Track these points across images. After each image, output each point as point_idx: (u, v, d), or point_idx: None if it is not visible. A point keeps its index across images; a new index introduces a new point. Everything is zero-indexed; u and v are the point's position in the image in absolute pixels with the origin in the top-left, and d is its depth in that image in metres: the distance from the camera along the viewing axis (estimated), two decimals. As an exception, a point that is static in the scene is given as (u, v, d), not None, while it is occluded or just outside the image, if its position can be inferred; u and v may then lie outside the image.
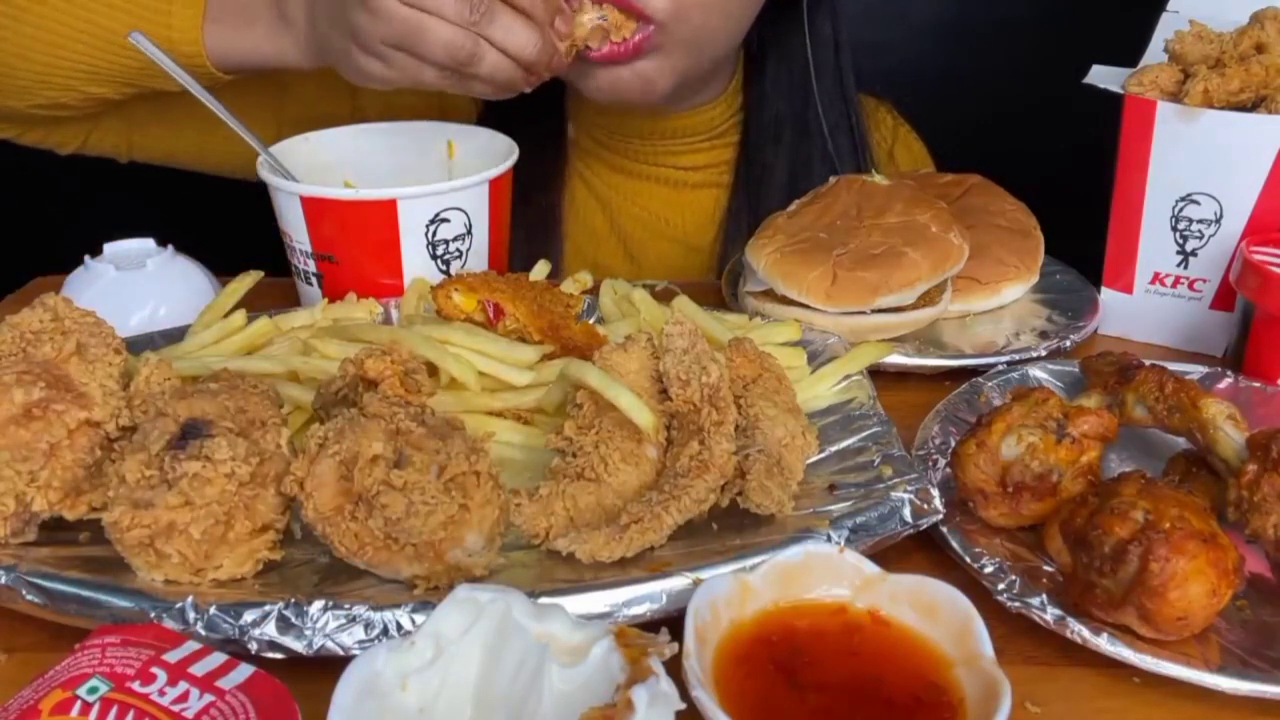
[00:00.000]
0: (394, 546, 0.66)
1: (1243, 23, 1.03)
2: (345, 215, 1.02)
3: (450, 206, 1.03)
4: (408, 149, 1.19)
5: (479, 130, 1.20)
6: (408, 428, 0.69)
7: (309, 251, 1.05)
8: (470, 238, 1.06)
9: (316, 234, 1.03)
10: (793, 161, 1.40)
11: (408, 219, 1.01)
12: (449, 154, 1.20)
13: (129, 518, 0.66)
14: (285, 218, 1.06)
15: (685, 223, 1.44)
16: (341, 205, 1.01)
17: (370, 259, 1.04)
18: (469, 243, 1.07)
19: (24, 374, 0.73)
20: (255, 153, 1.07)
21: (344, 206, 1.01)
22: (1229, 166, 1.01)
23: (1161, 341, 1.11)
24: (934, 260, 1.04)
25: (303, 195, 1.01)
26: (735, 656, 0.61)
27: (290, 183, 1.03)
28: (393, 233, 1.01)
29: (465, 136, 1.19)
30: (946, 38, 2.32)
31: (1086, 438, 0.77)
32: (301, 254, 1.06)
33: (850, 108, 1.42)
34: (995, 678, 0.57)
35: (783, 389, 0.84)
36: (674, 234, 1.44)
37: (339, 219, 1.02)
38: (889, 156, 1.53)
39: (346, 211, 1.01)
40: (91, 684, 0.53)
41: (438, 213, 1.03)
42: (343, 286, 1.05)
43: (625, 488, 0.75)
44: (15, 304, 1.03)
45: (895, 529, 0.73)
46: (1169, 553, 0.63)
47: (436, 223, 1.03)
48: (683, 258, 1.44)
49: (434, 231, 1.03)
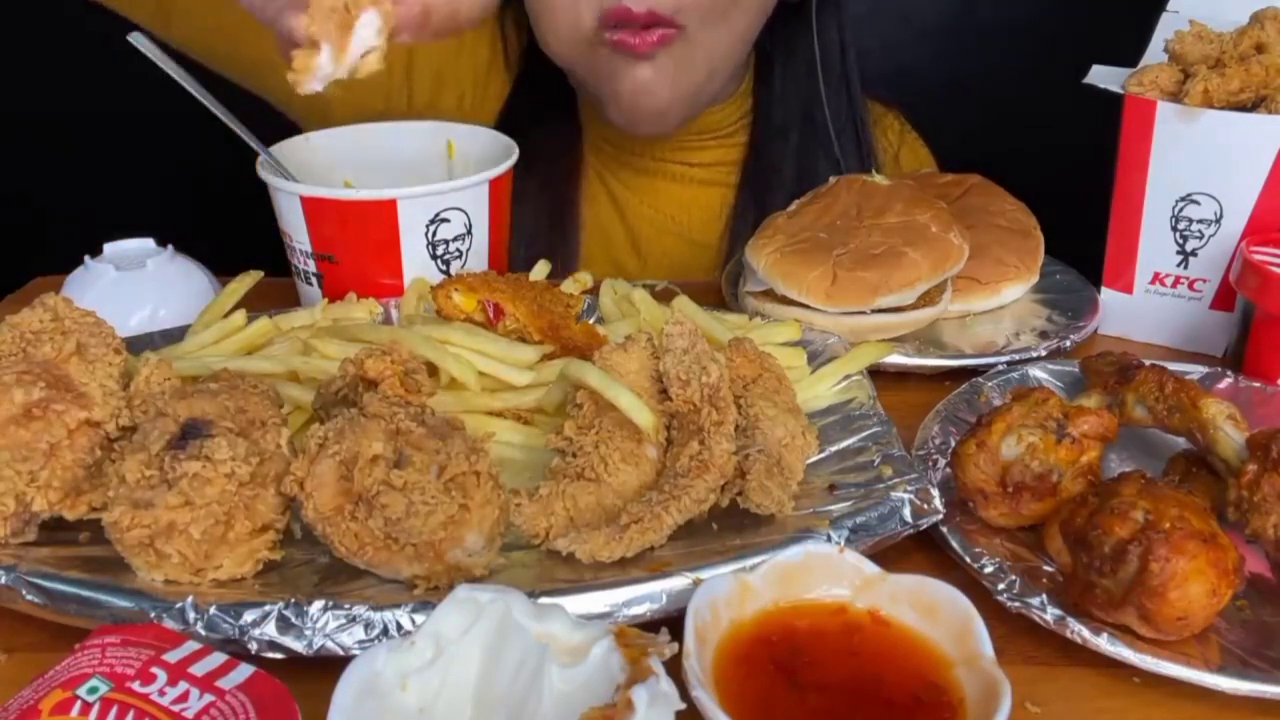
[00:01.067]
0: (394, 546, 0.66)
1: (1243, 23, 1.03)
2: (345, 215, 1.02)
3: (450, 206, 1.03)
4: (407, 149, 1.19)
5: (479, 130, 1.20)
6: (408, 428, 0.69)
7: (309, 251, 1.05)
8: (470, 238, 1.06)
9: (316, 234, 1.03)
10: (799, 162, 1.42)
11: (408, 219, 1.01)
12: (449, 154, 1.20)
13: (129, 518, 0.66)
14: (285, 218, 1.06)
15: (692, 220, 1.45)
16: (341, 205, 1.01)
17: (370, 259, 1.04)
18: (469, 243, 1.07)
19: (24, 374, 0.73)
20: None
21: (344, 206, 1.01)
22: (1229, 166, 1.01)
23: (1161, 341, 1.11)
24: (934, 260, 1.04)
25: (302, 195, 1.01)
26: (735, 656, 0.61)
27: (290, 183, 1.03)
28: (393, 233, 1.01)
29: (465, 137, 1.19)
30: (947, 38, 2.32)
31: (1086, 438, 0.77)
32: (301, 254, 1.06)
33: (855, 108, 1.44)
34: (995, 678, 0.57)
35: (783, 389, 0.84)
36: (680, 230, 1.46)
37: (339, 219, 1.02)
38: (894, 161, 1.54)
39: (346, 211, 1.01)
40: (91, 684, 0.53)
41: (438, 213, 1.03)
42: (343, 286, 1.05)
43: (625, 488, 0.75)
44: (15, 304, 1.03)
45: (895, 529, 0.73)
46: (1169, 553, 0.63)
47: (436, 223, 1.03)
48: (689, 255, 1.46)
49: (434, 231, 1.03)
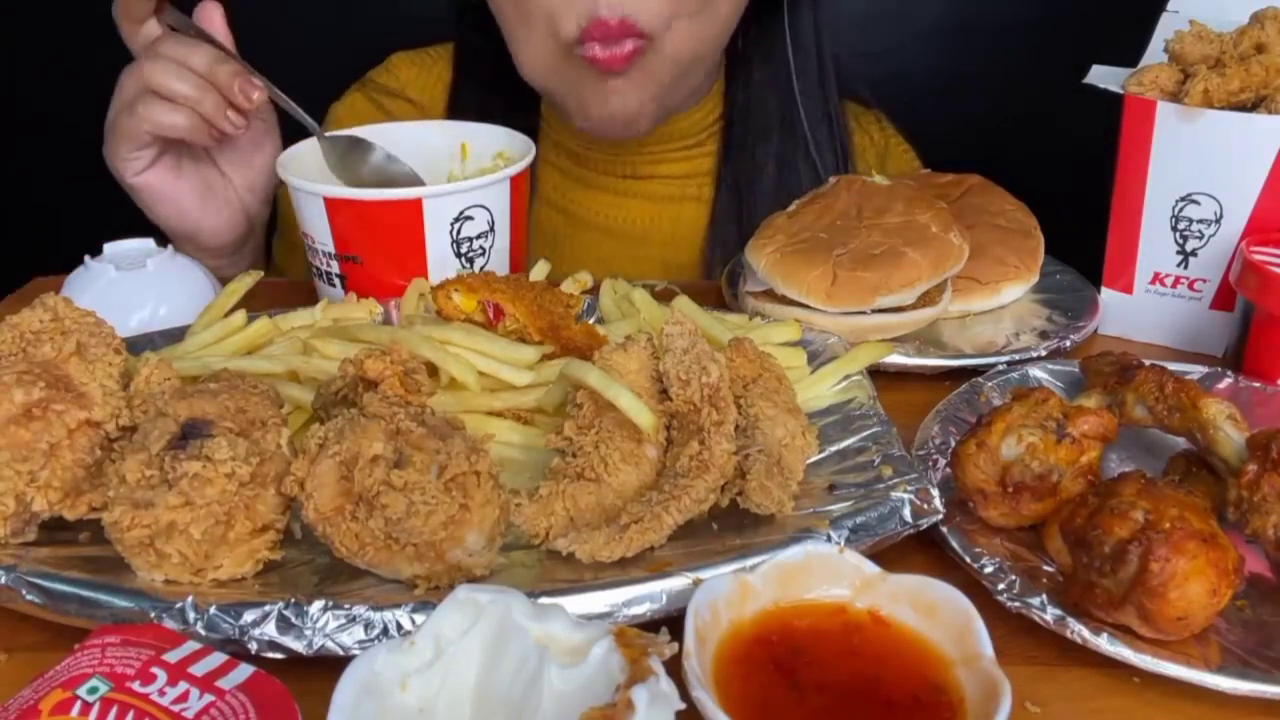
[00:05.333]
0: (395, 547, 0.66)
1: (1243, 23, 1.03)
2: (370, 215, 1.01)
3: (474, 204, 1.03)
4: (422, 148, 1.19)
5: (493, 129, 1.20)
6: (408, 428, 0.69)
7: (331, 253, 1.04)
8: (493, 235, 1.07)
9: (340, 235, 1.03)
10: (780, 162, 1.41)
11: (433, 217, 1.01)
12: (463, 155, 1.20)
13: (129, 518, 0.66)
14: (307, 219, 1.05)
15: (664, 236, 1.43)
16: (366, 205, 1.01)
17: (395, 258, 1.03)
18: (491, 240, 1.07)
19: (24, 374, 0.73)
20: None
21: (369, 206, 1.01)
22: (1229, 166, 1.01)
23: (1161, 341, 1.11)
24: (934, 260, 1.04)
25: (326, 196, 1.01)
26: (735, 656, 0.61)
27: (313, 183, 1.03)
28: (418, 231, 1.01)
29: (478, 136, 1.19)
30: (947, 39, 2.32)
31: (1086, 438, 0.77)
32: (324, 255, 1.06)
33: (831, 108, 1.43)
34: (995, 678, 0.57)
35: (783, 389, 0.84)
36: (651, 251, 1.43)
37: (364, 219, 1.02)
38: (879, 161, 1.53)
39: (371, 211, 1.01)
40: (91, 684, 0.53)
41: (462, 210, 1.02)
42: (367, 286, 1.05)
43: (625, 488, 0.75)
44: (15, 304, 1.03)
45: (895, 529, 0.73)
46: (1169, 553, 0.63)
47: (461, 220, 1.03)
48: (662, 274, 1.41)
49: (458, 230, 1.03)
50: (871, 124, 1.55)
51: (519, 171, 1.06)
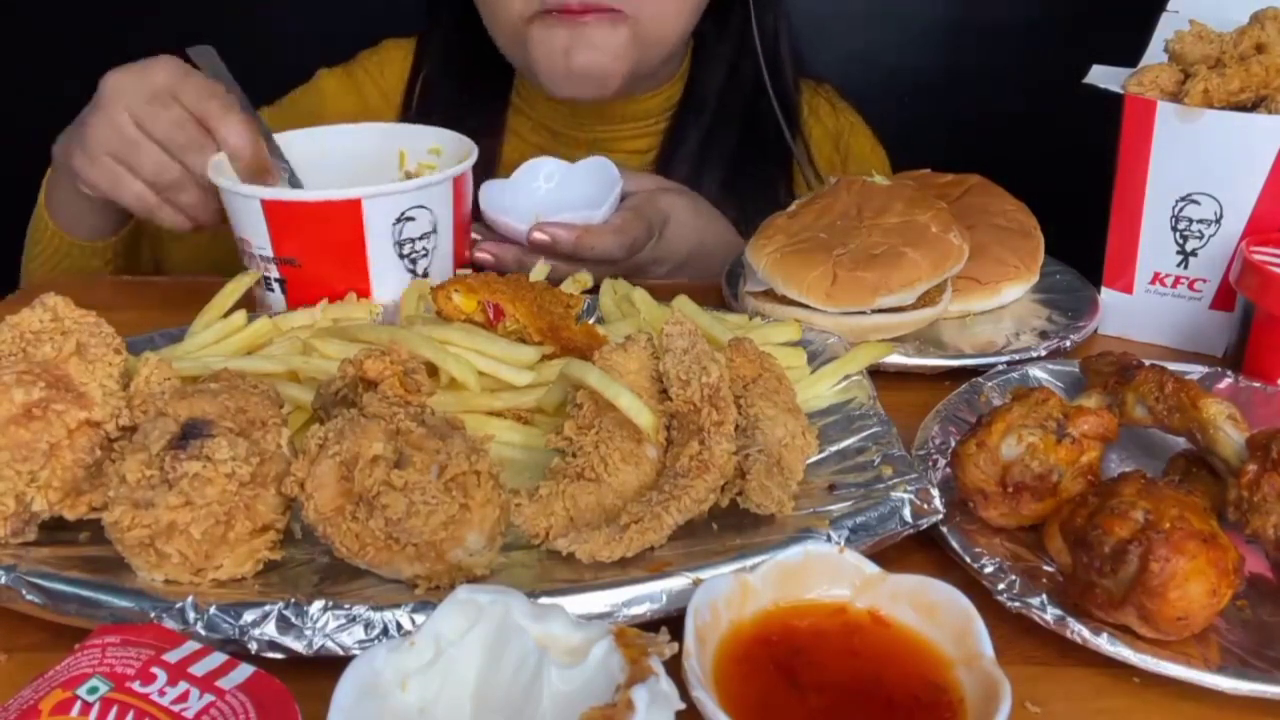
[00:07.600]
0: (395, 547, 0.66)
1: (1243, 23, 1.03)
2: (309, 217, 1.00)
3: (416, 205, 1.03)
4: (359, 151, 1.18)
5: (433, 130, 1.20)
6: (408, 428, 0.69)
7: (270, 257, 1.03)
8: (435, 235, 1.06)
9: (278, 238, 1.01)
10: (707, 138, 1.48)
11: (373, 218, 1.01)
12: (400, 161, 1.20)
13: (129, 518, 0.66)
14: (242, 223, 1.04)
15: None
16: (305, 207, 1.00)
17: (336, 260, 1.03)
18: (434, 241, 1.06)
19: (24, 374, 0.73)
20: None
21: (308, 208, 1.00)
22: (1229, 166, 1.01)
23: (1161, 341, 1.11)
24: (934, 260, 1.04)
25: (263, 199, 1.00)
26: (735, 656, 0.61)
27: (249, 186, 1.02)
28: (358, 232, 1.01)
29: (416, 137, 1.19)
30: (947, 38, 2.32)
31: (1086, 438, 0.77)
32: (261, 260, 1.04)
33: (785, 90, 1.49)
34: (995, 678, 0.57)
35: (783, 389, 0.84)
36: None
37: (303, 222, 1.01)
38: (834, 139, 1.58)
39: (310, 213, 1.00)
40: (91, 684, 0.53)
41: (403, 211, 1.02)
42: (307, 290, 1.03)
43: (625, 488, 0.75)
44: (15, 304, 1.03)
45: (895, 529, 0.73)
46: (1169, 553, 0.63)
47: (402, 221, 1.02)
48: None
49: (400, 230, 1.03)
50: (823, 106, 1.59)
51: (460, 173, 1.06)
